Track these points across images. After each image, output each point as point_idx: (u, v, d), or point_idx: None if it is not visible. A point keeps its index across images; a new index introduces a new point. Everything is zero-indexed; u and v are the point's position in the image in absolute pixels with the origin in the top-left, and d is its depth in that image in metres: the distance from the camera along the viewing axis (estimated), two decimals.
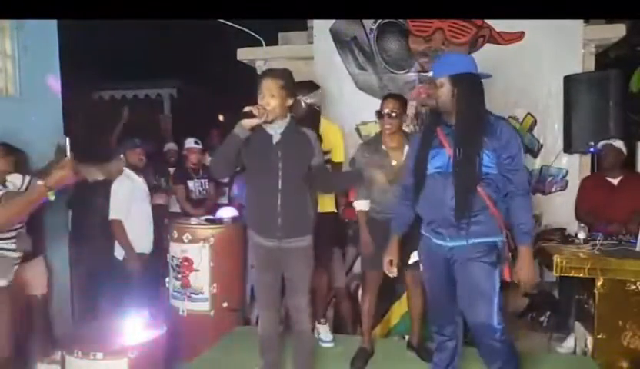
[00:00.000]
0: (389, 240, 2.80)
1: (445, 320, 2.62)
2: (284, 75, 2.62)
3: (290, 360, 3.22)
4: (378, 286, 3.21)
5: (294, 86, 2.67)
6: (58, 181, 2.31)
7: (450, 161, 2.40)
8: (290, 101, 2.63)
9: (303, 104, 3.31)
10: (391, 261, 2.68)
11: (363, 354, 3.26)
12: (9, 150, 3.19)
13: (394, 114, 3.07)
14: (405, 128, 3.22)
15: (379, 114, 3.13)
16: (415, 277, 3.15)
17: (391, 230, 2.73)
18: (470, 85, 2.37)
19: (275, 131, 2.62)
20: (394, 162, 3.09)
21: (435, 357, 2.74)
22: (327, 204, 3.46)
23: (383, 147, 3.14)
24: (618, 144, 3.83)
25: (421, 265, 2.73)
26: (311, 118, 3.36)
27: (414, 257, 2.87)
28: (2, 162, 3.12)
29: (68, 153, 2.36)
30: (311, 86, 3.39)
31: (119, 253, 3.68)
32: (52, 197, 2.32)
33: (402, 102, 3.17)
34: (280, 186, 2.59)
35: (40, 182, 2.33)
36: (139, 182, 3.84)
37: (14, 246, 2.87)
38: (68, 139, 2.38)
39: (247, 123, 2.50)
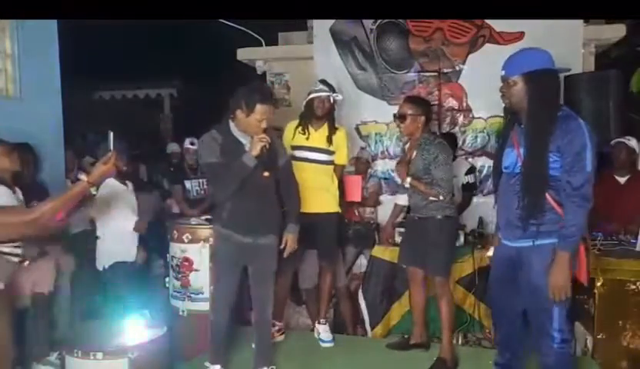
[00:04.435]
0: (423, 238, 3.08)
1: (504, 322, 2.59)
2: (274, 99, 2.83)
3: (290, 360, 3.23)
4: (421, 280, 3.28)
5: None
6: (100, 175, 2.31)
7: (517, 161, 2.36)
8: None
9: (332, 99, 3.42)
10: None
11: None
12: (13, 147, 3.07)
13: (402, 117, 3.14)
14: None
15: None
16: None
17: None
18: (545, 83, 2.26)
19: (247, 138, 2.80)
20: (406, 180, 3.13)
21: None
22: (331, 204, 3.46)
23: (406, 147, 3.28)
24: (633, 143, 3.78)
25: None
26: (329, 120, 3.46)
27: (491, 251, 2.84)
28: (6, 161, 3.02)
29: (111, 147, 2.35)
30: (333, 87, 3.49)
31: (99, 264, 3.61)
32: (95, 192, 2.33)
33: (414, 105, 3.16)
34: (255, 187, 2.77)
35: (83, 177, 2.31)
36: (122, 190, 3.57)
37: (16, 250, 2.86)
38: (111, 134, 2.36)
39: (256, 152, 2.70)
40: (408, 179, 3.08)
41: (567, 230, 2.22)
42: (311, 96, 3.42)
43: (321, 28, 4.95)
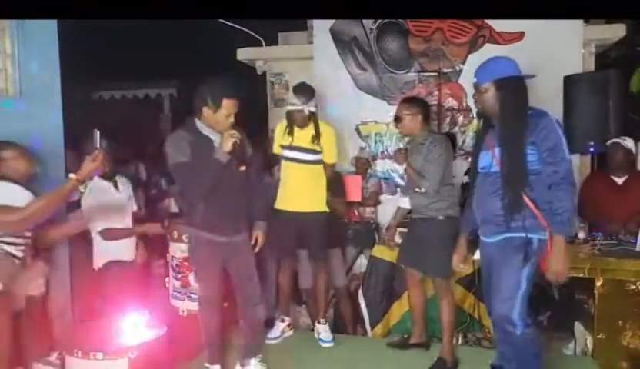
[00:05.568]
0: (424, 239, 3.11)
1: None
2: (244, 91, 2.80)
3: (290, 360, 3.23)
4: (419, 281, 3.30)
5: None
6: (89, 173, 2.35)
7: (492, 161, 2.51)
8: None
9: (306, 111, 3.28)
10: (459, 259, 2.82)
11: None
12: (29, 151, 3.02)
13: (397, 119, 3.23)
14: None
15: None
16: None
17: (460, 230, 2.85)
18: (514, 89, 2.44)
19: (216, 135, 2.75)
20: (403, 166, 3.16)
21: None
22: (319, 203, 3.42)
23: (409, 146, 3.28)
24: (629, 143, 3.74)
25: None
26: (314, 121, 3.34)
27: (477, 255, 2.93)
28: (24, 163, 2.96)
29: (98, 145, 2.38)
30: (309, 92, 3.31)
31: (95, 263, 3.59)
32: (83, 190, 2.36)
33: (409, 105, 3.21)
34: (228, 185, 2.74)
35: (72, 175, 2.35)
36: (110, 191, 3.52)
37: (19, 253, 2.86)
38: (98, 132, 2.39)
39: (228, 148, 2.66)
40: (404, 164, 3.13)
41: (561, 215, 2.32)
42: (287, 108, 3.36)
43: (321, 28, 4.95)
